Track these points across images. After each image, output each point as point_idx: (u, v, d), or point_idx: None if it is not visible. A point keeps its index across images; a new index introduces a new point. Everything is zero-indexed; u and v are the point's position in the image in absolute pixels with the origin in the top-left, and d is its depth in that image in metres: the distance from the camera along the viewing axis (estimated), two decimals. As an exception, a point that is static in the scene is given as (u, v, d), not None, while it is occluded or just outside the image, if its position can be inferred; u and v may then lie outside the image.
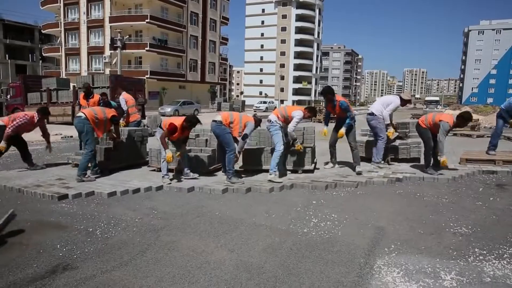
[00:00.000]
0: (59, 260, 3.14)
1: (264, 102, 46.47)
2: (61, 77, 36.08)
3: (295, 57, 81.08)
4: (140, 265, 3.05)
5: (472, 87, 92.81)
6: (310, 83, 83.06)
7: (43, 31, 48.35)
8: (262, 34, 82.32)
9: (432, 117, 6.25)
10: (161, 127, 5.89)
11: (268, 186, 5.44)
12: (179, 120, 5.72)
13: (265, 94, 76.71)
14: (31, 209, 4.55)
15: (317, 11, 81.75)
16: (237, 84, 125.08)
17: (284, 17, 79.91)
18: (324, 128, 6.83)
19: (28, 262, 3.10)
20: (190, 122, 5.66)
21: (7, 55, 51.27)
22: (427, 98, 63.80)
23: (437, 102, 57.74)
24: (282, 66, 80.00)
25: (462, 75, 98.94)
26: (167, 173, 5.80)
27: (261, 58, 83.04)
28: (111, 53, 39.38)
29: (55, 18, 46.62)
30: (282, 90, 76.61)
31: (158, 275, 2.88)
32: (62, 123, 17.64)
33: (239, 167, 6.56)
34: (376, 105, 6.72)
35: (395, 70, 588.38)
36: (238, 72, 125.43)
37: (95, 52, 43.04)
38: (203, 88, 50.03)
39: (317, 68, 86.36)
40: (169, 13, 43.89)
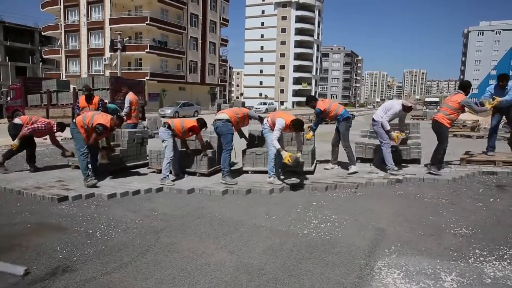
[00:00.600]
0: (59, 262, 3.14)
1: (264, 104, 46.50)
2: (61, 79, 36.12)
3: (295, 59, 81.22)
4: (140, 267, 3.04)
5: (472, 88, 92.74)
6: (310, 84, 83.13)
7: (43, 33, 48.42)
8: (262, 36, 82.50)
9: (449, 108, 6.19)
10: (170, 128, 5.93)
11: (268, 187, 5.44)
12: (192, 120, 6.27)
13: (265, 95, 76.80)
14: (31, 211, 4.55)
15: (316, 12, 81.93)
16: (237, 85, 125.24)
17: (284, 18, 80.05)
18: (310, 132, 6.70)
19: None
20: (201, 123, 6.21)
21: (7, 57, 51.37)
22: (427, 99, 63.79)
23: (437, 103, 57.66)
24: (282, 67, 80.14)
25: (462, 76, 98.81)
26: (168, 174, 5.80)
27: (261, 59, 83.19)
28: (111, 55, 39.46)
29: (55, 20, 46.72)
30: (282, 91, 76.67)
31: (158, 277, 2.88)
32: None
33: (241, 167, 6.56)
34: (379, 110, 6.65)
35: (395, 71, 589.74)
36: (238, 73, 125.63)
37: (95, 54, 43.09)
38: (203, 90, 50.09)
39: (317, 69, 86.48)
40: (169, 14, 43.95)
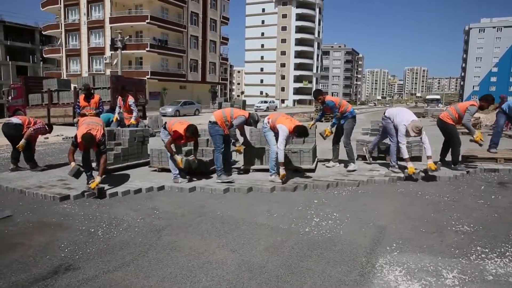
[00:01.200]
0: (61, 260, 3.15)
1: (265, 102, 46.40)
2: (62, 78, 36.15)
3: (295, 57, 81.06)
4: (142, 265, 3.05)
5: (474, 85, 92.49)
6: (310, 82, 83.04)
7: (43, 32, 48.35)
8: (263, 34, 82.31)
9: (455, 110, 6.25)
10: (165, 128, 5.88)
11: (270, 185, 5.44)
12: (182, 126, 5.53)
13: (266, 93, 76.73)
14: (33, 210, 4.57)
15: (317, 10, 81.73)
16: (238, 84, 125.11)
17: (284, 16, 79.89)
18: (328, 128, 6.57)
19: (30, 262, 3.11)
20: (190, 132, 5.42)
21: (8, 57, 51.38)
22: (428, 97, 63.70)
23: (438, 100, 57.63)
24: (283, 65, 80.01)
25: (463, 73, 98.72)
26: (178, 172, 5.75)
27: (262, 57, 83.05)
28: (111, 53, 39.48)
29: (55, 19, 46.65)
30: (283, 89, 76.63)
31: (160, 275, 2.88)
32: (63, 124, 17.66)
33: (241, 166, 6.55)
34: (393, 110, 6.45)
35: (396, 69, 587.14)
36: (238, 72, 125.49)
37: (95, 53, 43.06)
38: (204, 88, 50.06)
39: (317, 67, 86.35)
40: (169, 13, 43.88)
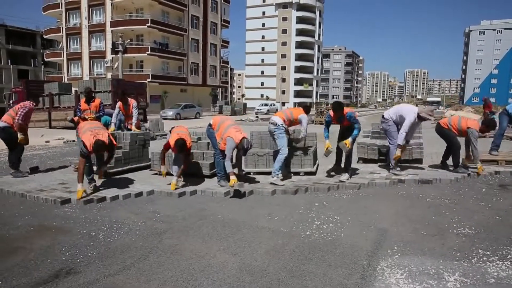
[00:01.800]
0: (62, 264, 3.15)
1: (266, 105, 46.43)
2: (63, 81, 36.27)
3: (296, 59, 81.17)
4: (143, 269, 3.05)
5: (474, 87, 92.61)
6: (311, 85, 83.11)
7: (45, 36, 48.56)
8: (263, 37, 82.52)
9: (457, 122, 6.30)
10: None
11: (270, 188, 5.44)
12: (174, 136, 5.48)
13: (267, 96, 76.82)
14: (34, 213, 4.57)
15: (317, 13, 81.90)
16: (239, 87, 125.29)
17: (284, 19, 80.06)
18: (327, 141, 6.13)
19: (31, 266, 3.10)
20: (177, 146, 5.34)
21: (9, 61, 51.61)
22: (429, 99, 63.85)
23: (438, 102, 57.75)
24: (283, 68, 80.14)
25: (463, 76, 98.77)
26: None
27: (262, 60, 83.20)
28: (112, 57, 39.58)
29: (56, 23, 46.83)
30: (283, 92, 76.64)
31: (161, 278, 2.88)
32: (64, 128, 17.71)
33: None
34: (391, 110, 6.49)
35: (396, 71, 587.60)
36: (239, 75, 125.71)
37: (96, 56, 43.21)
38: (204, 92, 50.14)
39: (318, 70, 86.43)
40: (170, 16, 44.01)
